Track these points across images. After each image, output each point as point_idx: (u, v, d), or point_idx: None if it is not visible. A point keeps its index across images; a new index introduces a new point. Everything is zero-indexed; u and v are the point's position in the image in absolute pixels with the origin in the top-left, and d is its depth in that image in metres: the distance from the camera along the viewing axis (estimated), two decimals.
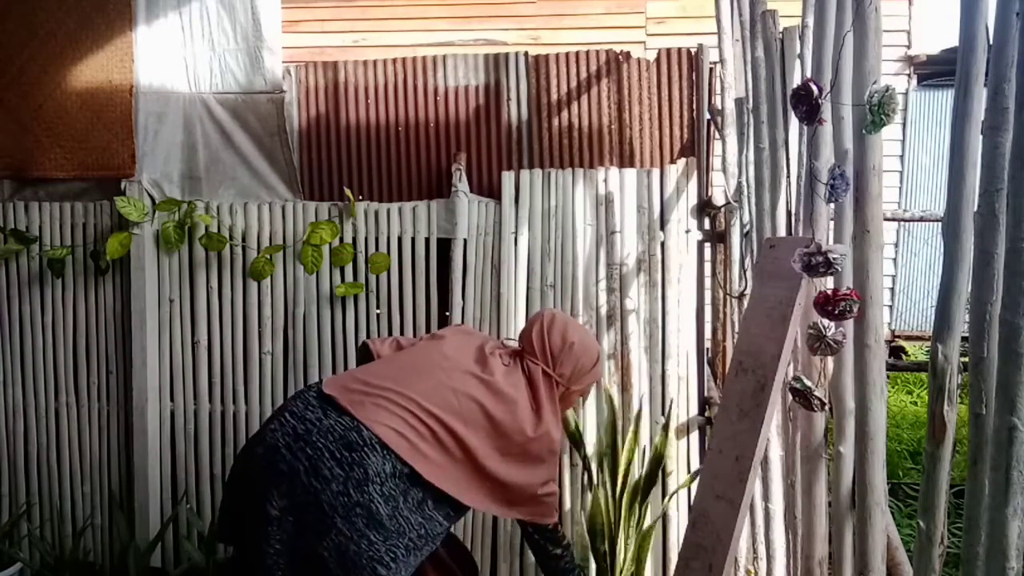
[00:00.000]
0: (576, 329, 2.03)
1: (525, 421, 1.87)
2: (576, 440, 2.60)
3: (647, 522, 2.57)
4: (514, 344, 2.06)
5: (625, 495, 2.50)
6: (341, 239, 2.78)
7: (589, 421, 2.71)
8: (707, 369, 2.76)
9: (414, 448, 1.71)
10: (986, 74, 1.05)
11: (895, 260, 5.84)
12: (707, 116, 2.75)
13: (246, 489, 1.73)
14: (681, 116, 2.75)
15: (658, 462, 2.55)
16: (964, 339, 1.10)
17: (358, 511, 1.62)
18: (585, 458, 2.60)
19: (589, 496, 2.59)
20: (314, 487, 1.62)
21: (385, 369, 1.87)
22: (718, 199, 2.66)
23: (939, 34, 5.63)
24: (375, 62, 2.87)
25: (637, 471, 2.59)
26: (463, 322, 2.72)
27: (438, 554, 1.99)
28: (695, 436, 2.70)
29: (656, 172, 2.69)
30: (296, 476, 1.63)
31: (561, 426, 1.99)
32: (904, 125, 5.72)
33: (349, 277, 2.79)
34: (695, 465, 2.68)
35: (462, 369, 1.86)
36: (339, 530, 1.60)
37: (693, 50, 2.74)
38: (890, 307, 5.89)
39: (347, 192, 2.78)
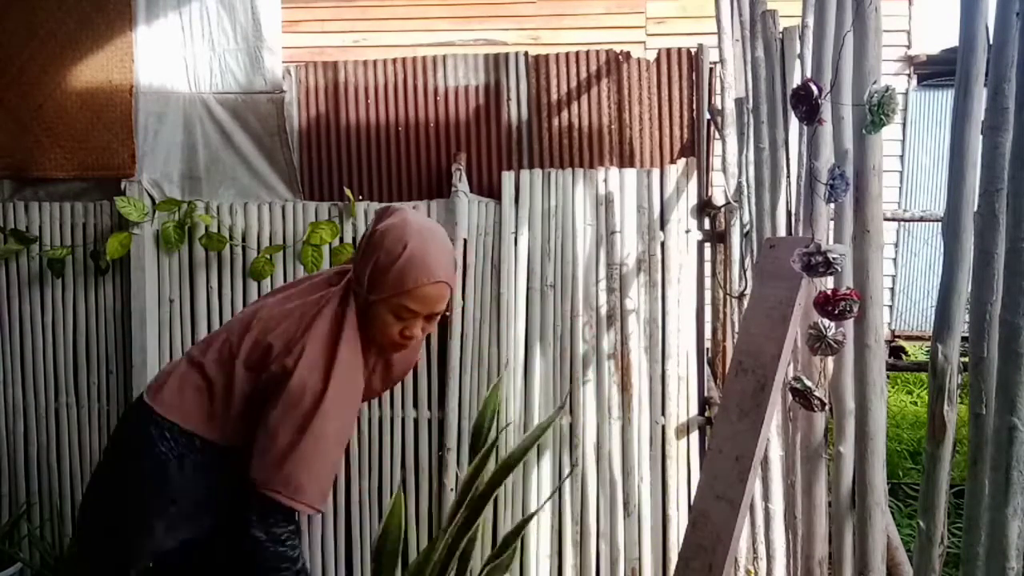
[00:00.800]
0: (401, 218, 1.50)
1: (282, 338, 1.46)
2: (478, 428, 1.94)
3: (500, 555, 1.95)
4: None
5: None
6: (341, 239, 2.78)
7: (589, 411, 2.71)
8: (707, 369, 2.76)
9: (174, 403, 1.52)
10: (986, 74, 1.05)
11: (895, 260, 5.84)
12: (707, 116, 2.75)
13: None
14: (681, 116, 2.75)
15: (478, 470, 1.90)
16: (964, 339, 1.10)
17: (110, 486, 1.56)
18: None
19: None
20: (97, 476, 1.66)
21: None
22: (718, 199, 2.66)
23: (939, 34, 5.63)
24: (375, 62, 2.87)
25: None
26: (463, 322, 2.72)
27: None
28: (695, 436, 2.70)
29: (656, 172, 2.69)
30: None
31: (343, 361, 1.45)
32: (904, 125, 5.72)
33: None
34: (695, 465, 2.68)
35: (267, 303, 1.60)
36: (95, 511, 1.58)
37: (693, 50, 2.74)
38: (890, 307, 5.89)
39: (347, 192, 2.78)
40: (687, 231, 2.69)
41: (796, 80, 1.88)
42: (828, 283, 1.49)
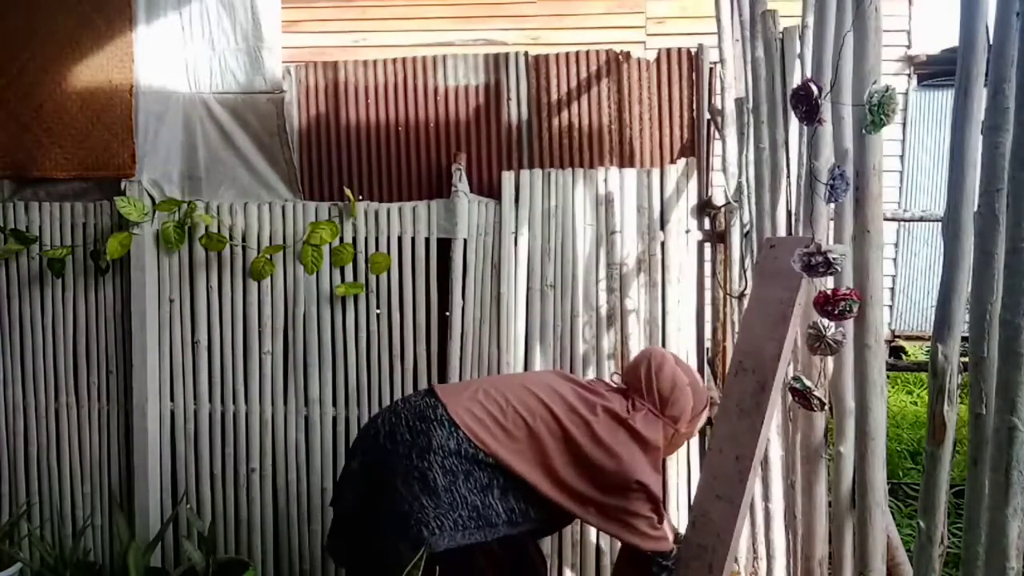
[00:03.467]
0: (687, 371, 2.06)
1: (622, 465, 1.88)
2: None
3: None
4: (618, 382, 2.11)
5: None
6: (341, 239, 2.78)
7: None
8: (707, 369, 2.76)
9: (484, 429, 1.84)
10: (986, 74, 1.05)
11: (895, 260, 5.84)
12: (707, 116, 2.75)
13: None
14: (681, 116, 2.75)
15: None
16: (964, 339, 1.09)
17: (415, 475, 1.78)
18: None
19: None
20: (385, 448, 1.85)
21: (490, 378, 2.25)
22: (718, 199, 2.66)
23: (939, 34, 5.63)
24: (375, 62, 2.86)
25: None
26: (463, 322, 2.72)
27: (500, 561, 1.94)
28: (695, 436, 2.70)
29: (656, 172, 2.69)
30: (376, 438, 1.89)
31: (659, 470, 1.99)
32: (904, 125, 5.71)
33: (349, 277, 2.79)
34: (695, 465, 2.68)
35: (558, 394, 1.96)
36: (396, 489, 1.78)
37: (693, 50, 2.74)
38: (890, 307, 5.89)
39: (347, 192, 2.78)
40: (687, 231, 2.69)
41: (796, 80, 1.88)
42: (828, 283, 1.49)
